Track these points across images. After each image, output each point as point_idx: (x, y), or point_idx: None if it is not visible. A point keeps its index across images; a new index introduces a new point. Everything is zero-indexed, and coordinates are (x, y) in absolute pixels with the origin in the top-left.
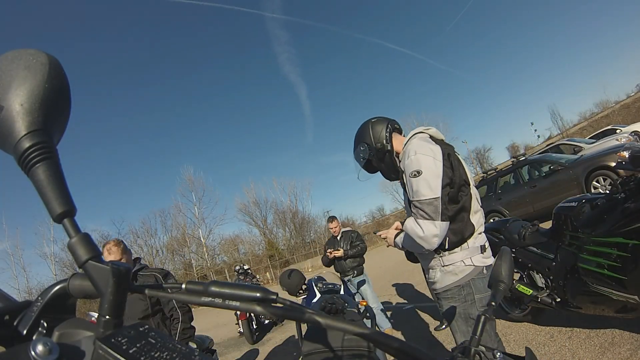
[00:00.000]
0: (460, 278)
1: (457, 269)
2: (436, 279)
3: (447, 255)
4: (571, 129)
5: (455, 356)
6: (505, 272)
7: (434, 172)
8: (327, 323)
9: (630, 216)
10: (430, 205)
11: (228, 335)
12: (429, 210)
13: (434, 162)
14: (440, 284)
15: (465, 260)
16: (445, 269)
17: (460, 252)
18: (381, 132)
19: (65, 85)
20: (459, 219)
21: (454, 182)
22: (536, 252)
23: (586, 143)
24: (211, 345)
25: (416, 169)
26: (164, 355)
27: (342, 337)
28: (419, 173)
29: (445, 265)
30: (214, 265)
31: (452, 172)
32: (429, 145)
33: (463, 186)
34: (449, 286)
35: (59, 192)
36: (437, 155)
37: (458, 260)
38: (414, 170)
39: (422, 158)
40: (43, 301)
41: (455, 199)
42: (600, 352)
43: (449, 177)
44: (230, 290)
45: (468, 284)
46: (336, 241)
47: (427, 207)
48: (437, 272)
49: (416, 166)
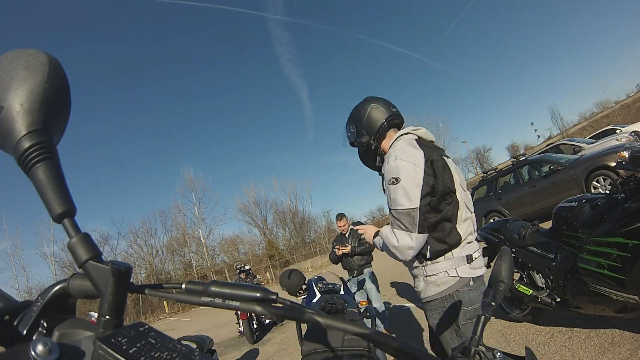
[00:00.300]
0: (444, 289)
1: (439, 279)
2: (420, 289)
3: (430, 265)
4: (571, 129)
5: (455, 356)
6: (505, 272)
7: (413, 180)
8: (327, 323)
9: (630, 216)
10: (407, 216)
11: (228, 335)
12: (405, 221)
13: (414, 169)
14: (424, 294)
15: (449, 271)
16: (429, 279)
17: (444, 262)
18: (375, 124)
19: (65, 85)
20: (440, 228)
21: (437, 191)
22: (536, 252)
23: (586, 143)
24: (211, 345)
25: (394, 176)
26: (164, 355)
27: (342, 337)
28: (397, 181)
29: (428, 275)
30: (214, 265)
31: (434, 179)
32: (412, 150)
33: (447, 194)
34: (431, 297)
35: (59, 192)
36: (418, 162)
37: (442, 271)
38: (392, 178)
39: (401, 164)
40: (43, 301)
41: (437, 208)
42: (600, 352)
43: (430, 185)
44: (230, 290)
45: (452, 295)
46: (344, 238)
47: (404, 217)
48: (421, 282)
49: (395, 173)
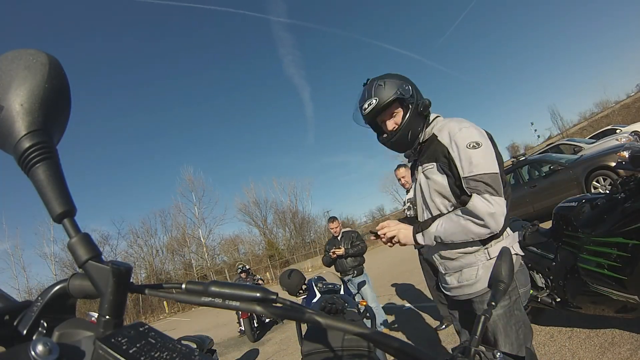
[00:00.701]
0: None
1: None
2: (477, 278)
3: (494, 245)
4: (571, 129)
5: (455, 356)
6: (505, 272)
7: (489, 147)
8: (327, 323)
9: (630, 216)
10: (496, 179)
11: (228, 335)
12: (494, 184)
13: (486, 139)
14: (484, 282)
15: (514, 247)
16: (491, 263)
17: (505, 239)
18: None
19: (65, 85)
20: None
21: (500, 163)
22: (536, 252)
23: (586, 143)
24: (211, 345)
25: (476, 140)
26: (164, 355)
27: (342, 337)
28: (479, 145)
29: (491, 258)
30: (214, 265)
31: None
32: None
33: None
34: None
35: (59, 192)
36: (485, 134)
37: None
38: (473, 142)
39: (476, 131)
40: (43, 301)
41: (504, 180)
42: (600, 352)
43: (497, 158)
44: (230, 290)
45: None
46: (337, 241)
47: (493, 181)
48: (479, 270)
49: (475, 137)
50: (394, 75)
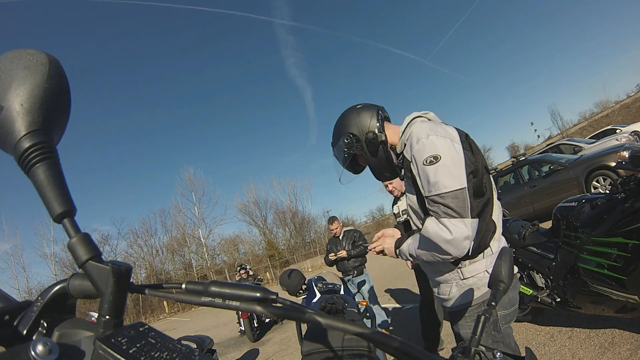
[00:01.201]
0: (484, 293)
1: (480, 281)
2: (451, 295)
3: (468, 266)
4: (571, 129)
5: (455, 356)
6: (505, 272)
7: (455, 157)
8: (327, 323)
9: (630, 216)
10: (456, 198)
11: (228, 335)
12: (454, 205)
13: (452, 145)
14: (458, 301)
15: (489, 269)
16: (465, 283)
17: (484, 259)
18: (371, 120)
19: (65, 85)
20: (483, 216)
21: (477, 170)
22: (536, 252)
23: (586, 143)
24: (211, 345)
25: (432, 154)
26: (164, 355)
27: (342, 337)
28: (437, 159)
29: (465, 278)
30: (214, 265)
31: (473, 156)
32: (442, 126)
33: (485, 174)
34: (467, 305)
35: (58, 192)
36: (454, 137)
37: (481, 271)
38: (430, 156)
39: (436, 140)
40: (43, 301)
41: (480, 190)
42: (600, 352)
43: (472, 163)
44: (230, 290)
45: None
46: (338, 241)
47: (453, 201)
48: (453, 287)
49: (431, 151)
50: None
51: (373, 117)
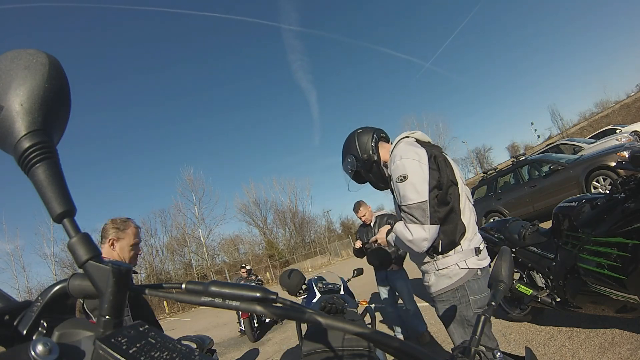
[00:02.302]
0: (455, 281)
1: (451, 272)
2: (431, 283)
3: (441, 259)
4: (571, 129)
5: (455, 356)
6: (505, 272)
7: (420, 175)
8: (328, 323)
9: (630, 216)
10: (418, 209)
11: (228, 335)
12: (417, 214)
13: (419, 165)
14: (435, 287)
15: (459, 264)
16: (440, 273)
17: (454, 255)
18: (367, 143)
19: (65, 85)
20: (449, 220)
21: (442, 184)
22: (536, 252)
23: (586, 143)
24: (211, 345)
25: (402, 173)
26: (164, 355)
27: (342, 337)
28: (405, 178)
29: (439, 269)
30: (214, 265)
31: (438, 173)
32: (414, 149)
33: (451, 187)
34: (443, 290)
35: (59, 192)
36: (422, 159)
37: (452, 264)
38: (400, 175)
39: (407, 162)
40: (43, 301)
41: (445, 200)
42: (600, 352)
43: (435, 179)
44: (230, 290)
45: (462, 286)
46: (369, 229)
47: (416, 211)
48: (432, 276)
49: (402, 171)
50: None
51: (369, 140)
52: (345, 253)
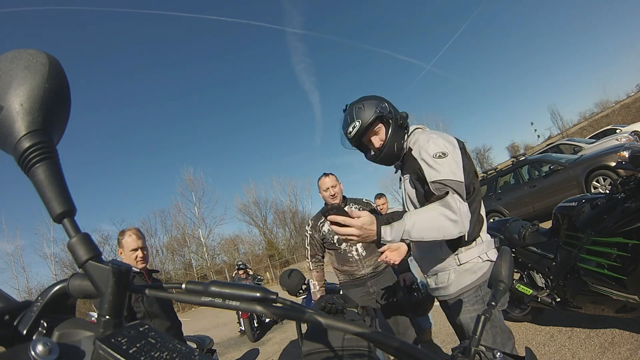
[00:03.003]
0: (479, 276)
1: (475, 266)
2: (449, 282)
3: (464, 252)
4: (571, 129)
5: (456, 356)
6: (505, 272)
7: (456, 158)
8: (328, 323)
9: (630, 216)
10: (460, 187)
11: (228, 335)
12: (460, 191)
13: (454, 149)
14: (456, 286)
15: (482, 256)
16: (462, 268)
17: (476, 247)
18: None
19: (65, 85)
20: (472, 209)
21: (469, 173)
22: (536, 252)
23: (586, 143)
24: (211, 345)
25: (442, 150)
26: (164, 355)
27: (342, 337)
28: (445, 155)
29: (461, 264)
30: (214, 265)
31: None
32: (445, 135)
33: (474, 177)
34: (466, 287)
35: (59, 192)
36: (455, 144)
37: (476, 256)
38: (440, 152)
39: (444, 142)
40: (43, 301)
41: (469, 189)
42: (600, 352)
43: (466, 166)
44: (230, 290)
45: (485, 282)
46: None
47: (459, 187)
48: (451, 274)
49: (441, 148)
50: (369, 97)
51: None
52: None
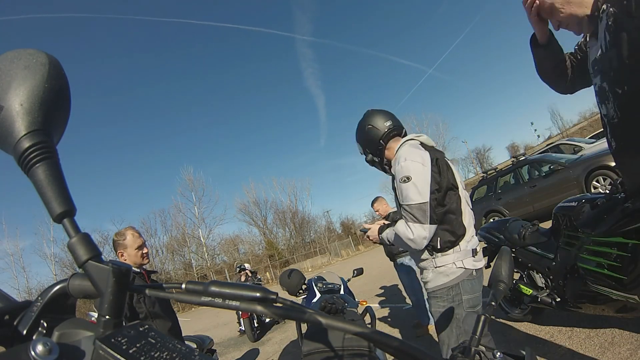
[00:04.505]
0: (451, 279)
1: (448, 270)
2: (428, 279)
3: (440, 257)
4: (571, 129)
5: (456, 356)
6: (505, 272)
7: (422, 178)
8: (328, 323)
9: (630, 216)
10: (420, 209)
11: (228, 335)
12: (417, 214)
13: (422, 168)
14: (432, 283)
15: (456, 263)
16: (437, 270)
17: (452, 254)
18: (373, 144)
19: (65, 85)
20: (447, 220)
21: (442, 187)
22: (536, 252)
23: (586, 143)
24: (211, 345)
25: (406, 175)
26: (164, 355)
27: (342, 337)
28: (409, 179)
29: (437, 267)
30: (214, 265)
31: (439, 177)
32: (419, 152)
33: (451, 190)
34: (439, 286)
35: (58, 192)
36: (425, 162)
37: (450, 262)
38: (404, 176)
39: (411, 165)
40: (43, 301)
41: (442, 202)
42: (600, 352)
43: (436, 182)
44: (230, 290)
45: (457, 285)
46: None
47: (417, 211)
48: (430, 273)
49: (406, 172)
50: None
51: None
52: (345, 253)
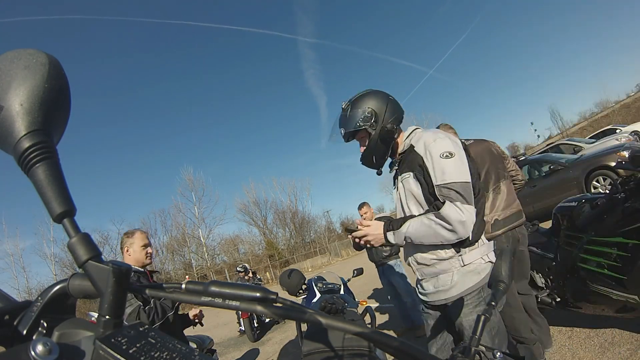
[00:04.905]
0: (482, 277)
1: (479, 267)
2: (452, 284)
3: (468, 253)
4: (571, 129)
5: (456, 356)
6: (505, 272)
7: (462, 158)
8: (328, 323)
9: (630, 216)
10: (467, 188)
11: (228, 335)
12: (466, 194)
13: (459, 150)
14: (459, 288)
15: (484, 257)
16: (465, 269)
17: (479, 248)
18: (394, 115)
19: (65, 85)
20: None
21: (473, 174)
22: (536, 252)
23: (586, 143)
24: (211, 345)
25: (449, 150)
26: (164, 355)
27: (342, 337)
28: (452, 155)
29: (465, 265)
30: (214, 265)
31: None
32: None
33: (477, 180)
34: (470, 289)
35: (58, 192)
36: (459, 144)
37: (478, 257)
38: (446, 152)
39: (450, 142)
40: (43, 301)
41: (475, 189)
42: (600, 352)
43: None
44: (230, 290)
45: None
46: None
47: (463, 190)
48: (454, 275)
49: (448, 147)
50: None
51: (397, 115)
52: (345, 253)
